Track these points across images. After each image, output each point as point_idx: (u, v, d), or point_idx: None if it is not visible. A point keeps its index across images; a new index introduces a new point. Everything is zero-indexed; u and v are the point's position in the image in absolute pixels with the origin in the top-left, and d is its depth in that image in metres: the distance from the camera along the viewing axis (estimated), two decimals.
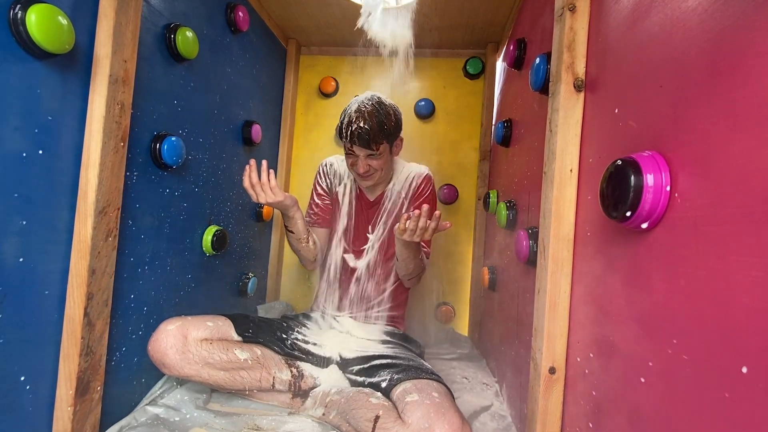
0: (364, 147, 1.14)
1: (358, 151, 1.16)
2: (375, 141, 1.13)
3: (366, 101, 1.16)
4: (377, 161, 1.18)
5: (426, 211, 0.98)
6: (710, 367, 0.38)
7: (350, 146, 1.17)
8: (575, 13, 0.72)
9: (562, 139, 0.72)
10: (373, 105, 1.15)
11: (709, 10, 0.41)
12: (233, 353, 1.00)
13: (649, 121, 0.52)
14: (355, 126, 1.12)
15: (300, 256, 1.32)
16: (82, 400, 0.79)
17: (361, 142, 1.13)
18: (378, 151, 1.15)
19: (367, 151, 1.15)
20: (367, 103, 1.16)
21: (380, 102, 1.17)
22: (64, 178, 0.76)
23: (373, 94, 1.19)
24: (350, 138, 1.14)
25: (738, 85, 0.37)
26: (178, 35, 1.00)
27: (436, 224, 1.00)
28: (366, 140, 1.12)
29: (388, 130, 1.15)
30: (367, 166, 1.18)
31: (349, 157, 1.20)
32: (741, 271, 0.35)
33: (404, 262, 1.18)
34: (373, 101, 1.17)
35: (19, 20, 0.64)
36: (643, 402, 0.49)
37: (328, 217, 1.36)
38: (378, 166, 1.19)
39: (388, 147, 1.20)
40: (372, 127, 1.12)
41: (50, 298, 0.75)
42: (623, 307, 0.54)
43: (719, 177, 0.39)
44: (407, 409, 0.84)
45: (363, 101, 1.17)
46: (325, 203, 1.36)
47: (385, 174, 1.25)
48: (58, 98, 0.74)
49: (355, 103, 1.17)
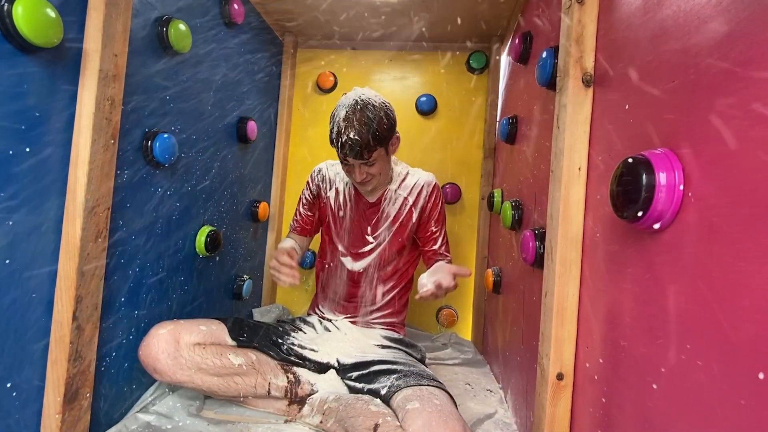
0: (357, 158, 1.13)
1: (352, 161, 1.15)
2: (368, 150, 1.11)
3: (354, 106, 1.12)
4: (374, 168, 1.18)
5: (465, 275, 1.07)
6: (725, 373, 0.38)
7: (343, 157, 1.16)
8: (584, 6, 0.72)
9: (570, 136, 0.72)
10: (361, 111, 1.11)
11: (724, 3, 0.41)
12: (227, 358, 1.00)
13: (662, 118, 0.51)
14: (345, 138, 1.09)
15: None
16: (71, 408, 0.79)
17: (354, 155, 1.11)
18: (372, 158, 1.14)
19: (359, 161, 1.14)
20: (356, 108, 1.11)
21: (369, 105, 1.12)
22: (52, 176, 0.76)
23: (361, 95, 1.15)
24: (342, 149, 1.13)
25: (754, 80, 0.37)
26: (171, 28, 1.00)
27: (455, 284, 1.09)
28: (358, 152, 1.10)
29: (380, 135, 1.12)
30: (364, 174, 1.18)
31: (345, 166, 1.21)
32: (757, 273, 0.35)
33: None
34: (362, 105, 1.12)
35: (5, 12, 0.64)
36: (656, 409, 0.48)
37: (309, 227, 1.40)
38: (375, 172, 1.19)
39: (384, 150, 1.18)
40: (362, 137, 1.09)
41: (38, 302, 0.75)
42: (634, 311, 0.54)
43: (735, 176, 0.39)
44: (408, 417, 0.84)
45: (350, 106, 1.12)
46: (307, 214, 1.39)
47: (384, 177, 1.25)
48: (46, 94, 0.73)
49: (342, 108, 1.13)
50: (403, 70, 1.88)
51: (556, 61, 0.83)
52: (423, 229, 1.32)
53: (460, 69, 1.85)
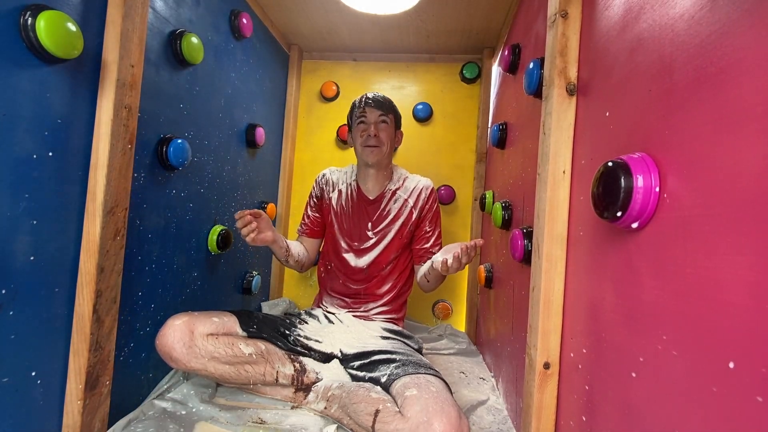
0: (377, 108, 1.26)
1: (370, 114, 1.26)
2: (386, 106, 1.28)
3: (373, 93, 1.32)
4: (385, 133, 1.27)
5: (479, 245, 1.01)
6: (699, 363, 0.38)
7: (362, 110, 1.27)
8: (567, 20, 0.72)
9: (555, 141, 0.72)
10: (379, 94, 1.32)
11: (696, 17, 0.41)
12: (238, 348, 1.00)
13: (639, 124, 0.51)
14: (367, 96, 1.29)
15: (287, 266, 1.37)
16: (92, 394, 0.79)
17: (375, 104, 1.26)
18: (387, 118, 1.27)
19: (378, 112, 1.26)
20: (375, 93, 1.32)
21: None
22: (74, 179, 0.76)
23: None
24: (364, 103, 1.27)
25: (724, 89, 0.37)
26: (184, 41, 1.00)
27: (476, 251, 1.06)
28: (379, 102, 1.27)
29: (395, 108, 1.32)
30: (377, 131, 1.25)
31: (360, 126, 1.28)
32: (728, 269, 0.35)
33: (435, 282, 1.27)
34: None
35: (29, 26, 0.64)
36: (635, 396, 0.49)
37: (317, 229, 1.41)
38: (385, 139, 1.27)
39: (394, 124, 1.31)
40: (384, 97, 1.30)
41: (60, 296, 0.75)
42: (615, 304, 0.54)
43: (706, 178, 0.39)
44: (406, 404, 0.84)
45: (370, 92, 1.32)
46: (315, 215, 1.40)
47: (388, 152, 1.30)
48: (67, 102, 0.74)
49: None
50: (401, 80, 1.88)
51: (542, 72, 0.83)
52: (418, 228, 1.33)
53: (455, 79, 1.85)
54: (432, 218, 1.34)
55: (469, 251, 1.00)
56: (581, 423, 0.62)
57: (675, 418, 0.41)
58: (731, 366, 0.34)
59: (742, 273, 0.34)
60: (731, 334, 0.34)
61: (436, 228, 1.34)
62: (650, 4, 0.50)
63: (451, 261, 1.00)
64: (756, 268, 0.32)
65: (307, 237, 1.40)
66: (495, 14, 1.47)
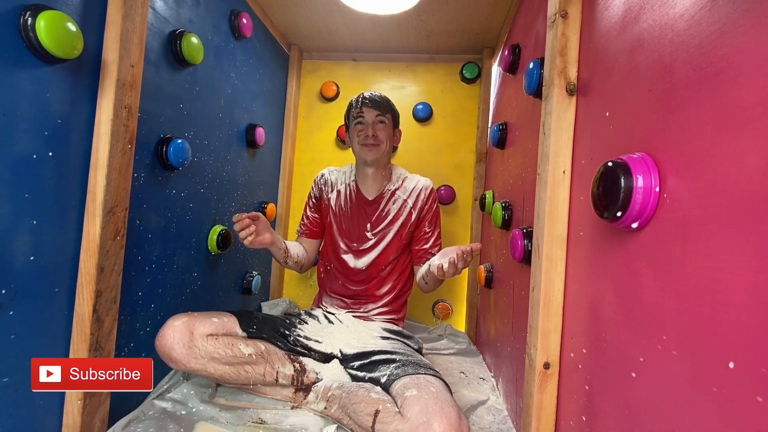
0: (374, 108, 1.25)
1: (367, 115, 1.25)
2: (383, 106, 1.26)
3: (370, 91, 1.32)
4: (383, 132, 1.26)
5: (476, 249, 1.00)
6: (698, 363, 0.38)
7: (360, 111, 1.26)
8: (567, 20, 0.72)
9: (555, 141, 0.72)
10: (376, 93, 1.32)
11: (696, 17, 0.41)
12: (238, 348, 1.00)
13: (639, 124, 0.51)
14: (365, 95, 1.28)
15: (287, 267, 1.36)
16: (92, 395, 0.79)
17: (372, 104, 1.25)
18: (384, 117, 1.26)
19: (375, 112, 1.25)
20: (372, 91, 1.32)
21: None
22: (74, 179, 0.76)
23: None
24: (361, 103, 1.26)
25: (724, 89, 0.37)
26: (184, 41, 1.00)
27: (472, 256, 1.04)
28: (376, 101, 1.26)
29: (392, 106, 1.31)
30: (375, 131, 1.25)
31: (358, 126, 1.27)
32: (728, 269, 0.35)
33: (433, 284, 1.27)
34: None
35: (29, 26, 0.64)
36: (635, 396, 0.48)
37: (317, 229, 1.40)
38: (383, 137, 1.27)
39: (392, 122, 1.30)
40: (381, 96, 1.29)
41: (60, 295, 0.75)
42: (615, 305, 0.54)
43: (706, 178, 0.39)
44: (406, 404, 0.84)
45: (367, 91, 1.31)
46: (314, 216, 1.40)
47: (387, 151, 1.29)
48: (67, 102, 0.74)
49: None
50: (401, 80, 1.88)
51: (542, 72, 0.83)
52: (417, 228, 1.32)
53: (455, 79, 1.85)
54: (431, 219, 1.33)
55: (465, 256, 0.99)
56: (581, 423, 0.61)
57: (675, 418, 0.41)
58: (731, 366, 0.34)
59: (742, 273, 0.34)
60: (731, 334, 0.34)
61: (436, 228, 1.34)
62: (650, 4, 0.50)
63: (447, 266, 1.00)
64: (756, 269, 0.32)
65: (307, 237, 1.40)
66: (495, 14, 1.47)
